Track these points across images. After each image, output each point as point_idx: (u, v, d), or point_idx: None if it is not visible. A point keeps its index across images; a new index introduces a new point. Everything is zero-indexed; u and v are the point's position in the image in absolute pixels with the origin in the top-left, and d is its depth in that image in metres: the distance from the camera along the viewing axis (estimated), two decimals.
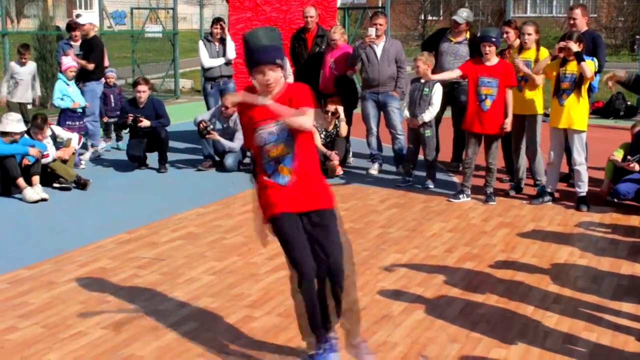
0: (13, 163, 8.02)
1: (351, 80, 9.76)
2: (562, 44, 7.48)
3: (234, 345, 4.47)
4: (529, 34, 7.97)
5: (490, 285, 5.52)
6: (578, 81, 7.43)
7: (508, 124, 7.79)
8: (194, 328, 4.73)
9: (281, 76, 3.96)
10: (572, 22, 8.51)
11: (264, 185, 4.04)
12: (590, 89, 8.29)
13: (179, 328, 4.72)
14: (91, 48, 10.66)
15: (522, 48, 8.12)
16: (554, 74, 7.62)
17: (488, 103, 7.78)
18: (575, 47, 7.38)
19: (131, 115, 9.47)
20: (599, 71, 8.22)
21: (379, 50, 9.14)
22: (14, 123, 8.17)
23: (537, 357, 4.34)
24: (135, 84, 9.87)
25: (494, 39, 7.73)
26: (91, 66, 10.48)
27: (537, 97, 8.03)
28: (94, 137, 10.60)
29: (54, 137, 8.94)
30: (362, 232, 6.86)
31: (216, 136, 9.48)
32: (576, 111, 7.52)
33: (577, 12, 8.45)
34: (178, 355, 4.34)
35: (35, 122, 8.67)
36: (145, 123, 9.44)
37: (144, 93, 9.62)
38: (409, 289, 5.41)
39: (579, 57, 7.38)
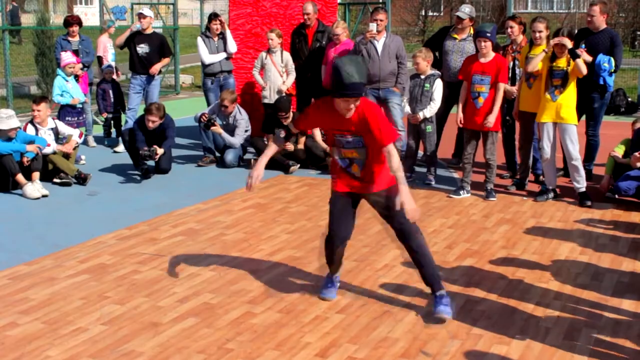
0: (10, 160, 8.00)
1: None
2: (555, 40, 7.46)
3: (234, 342, 4.47)
4: (540, 31, 7.88)
5: (490, 281, 5.51)
6: (566, 76, 7.43)
7: (489, 121, 7.73)
8: (194, 324, 4.72)
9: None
10: (589, 19, 8.45)
11: (337, 170, 4.93)
12: (605, 89, 8.28)
13: (179, 324, 4.72)
14: (161, 42, 10.72)
15: (532, 44, 8.05)
16: (545, 69, 7.62)
17: (481, 101, 7.77)
18: (569, 43, 7.37)
19: (146, 149, 8.74)
20: (615, 71, 8.21)
21: (379, 46, 9.13)
22: (6, 120, 8.12)
23: (537, 354, 4.33)
24: (146, 110, 9.00)
25: (489, 34, 7.70)
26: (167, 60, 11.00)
27: None
28: None
29: (56, 132, 8.93)
30: (362, 228, 6.84)
31: (219, 129, 9.45)
32: (569, 106, 7.53)
33: (595, 9, 8.37)
34: (178, 351, 4.34)
35: (34, 99, 8.91)
36: (159, 152, 8.87)
37: (152, 123, 8.91)
38: (410, 285, 5.40)
39: (573, 54, 7.37)
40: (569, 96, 7.55)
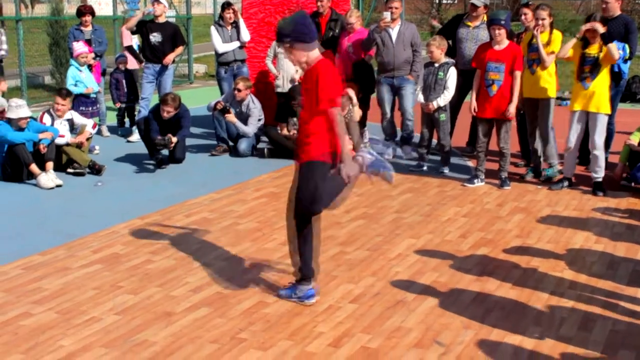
0: (23, 149, 8.02)
1: (369, 65, 9.70)
2: (587, 25, 7.37)
3: (247, 331, 4.46)
4: (544, 19, 7.83)
5: (505, 271, 5.48)
6: (599, 63, 7.34)
7: (511, 111, 7.69)
8: (207, 314, 4.72)
9: (301, 56, 4.87)
10: (604, 5, 8.38)
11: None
12: (620, 76, 8.19)
13: (191, 314, 4.72)
14: (174, 31, 10.65)
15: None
16: (577, 56, 7.53)
17: (495, 88, 7.71)
18: (601, 28, 7.28)
19: (161, 138, 8.77)
20: (630, 57, 8.12)
21: (394, 34, 9.08)
22: (16, 109, 8.13)
23: (552, 344, 4.30)
24: (162, 100, 8.93)
25: (503, 22, 7.65)
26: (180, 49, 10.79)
27: (550, 80, 7.92)
28: None
29: (71, 123, 8.95)
30: (376, 218, 6.83)
31: (234, 118, 9.43)
32: (600, 94, 7.43)
33: None
34: (191, 341, 4.34)
35: (61, 92, 8.90)
36: (174, 140, 8.82)
37: (168, 114, 8.87)
38: (424, 275, 5.38)
39: (604, 39, 7.28)
40: (602, 84, 7.43)
